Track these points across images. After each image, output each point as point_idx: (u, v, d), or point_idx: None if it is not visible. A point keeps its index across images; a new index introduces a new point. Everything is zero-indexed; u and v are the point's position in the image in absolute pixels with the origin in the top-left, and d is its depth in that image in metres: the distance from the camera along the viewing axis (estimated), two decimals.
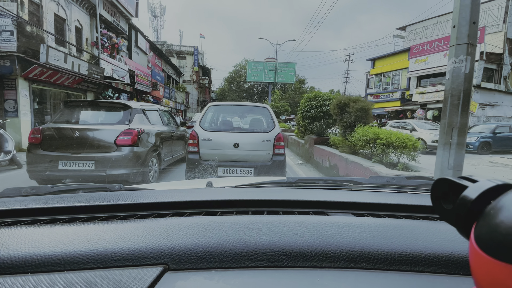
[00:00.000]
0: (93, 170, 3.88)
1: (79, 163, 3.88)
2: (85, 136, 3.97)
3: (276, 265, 0.49)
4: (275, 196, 0.82)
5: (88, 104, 4.95)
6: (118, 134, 3.99)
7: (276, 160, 3.83)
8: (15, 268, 0.46)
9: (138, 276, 0.45)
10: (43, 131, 4.00)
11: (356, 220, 0.65)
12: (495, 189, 0.25)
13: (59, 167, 3.87)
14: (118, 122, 4.26)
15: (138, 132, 4.17)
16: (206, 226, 0.59)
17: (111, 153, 3.94)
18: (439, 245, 0.52)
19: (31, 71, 8.35)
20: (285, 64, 28.65)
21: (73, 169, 3.88)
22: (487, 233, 0.22)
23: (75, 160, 3.88)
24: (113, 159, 3.91)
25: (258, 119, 4.38)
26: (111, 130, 4.05)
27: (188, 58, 36.72)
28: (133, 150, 4.05)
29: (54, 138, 4.00)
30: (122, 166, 3.95)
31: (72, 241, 0.52)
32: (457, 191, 0.27)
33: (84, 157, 3.89)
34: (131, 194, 0.85)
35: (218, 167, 3.75)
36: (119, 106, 4.49)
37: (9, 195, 0.94)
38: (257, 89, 54.98)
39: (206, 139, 3.82)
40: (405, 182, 1.14)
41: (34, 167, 4.01)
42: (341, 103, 5.44)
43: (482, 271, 0.22)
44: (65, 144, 3.95)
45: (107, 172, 3.85)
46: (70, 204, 0.74)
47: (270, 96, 30.59)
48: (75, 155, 3.89)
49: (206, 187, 1.14)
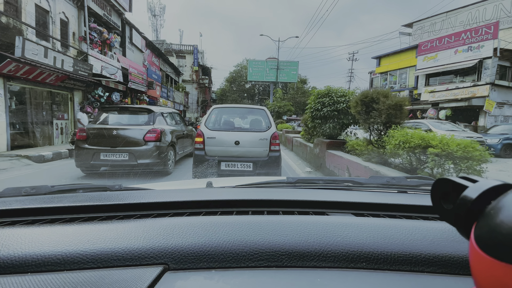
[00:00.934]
0: (127, 160, 5.01)
1: (116, 154, 5.02)
2: (120, 134, 5.09)
3: (276, 265, 0.49)
4: (275, 196, 0.83)
5: (120, 109, 6.07)
6: (146, 132, 5.14)
7: (272, 156, 4.28)
8: (15, 268, 0.46)
9: (138, 276, 0.45)
10: (88, 130, 5.17)
11: (356, 220, 0.65)
12: (495, 189, 0.25)
13: (101, 158, 5.00)
14: (145, 123, 5.42)
15: (160, 131, 5.29)
16: (206, 226, 0.59)
17: (141, 147, 5.08)
18: (439, 245, 0.52)
19: (5, 66, 7.44)
20: (287, 63, 27.71)
21: (112, 159, 5.00)
22: (487, 233, 0.22)
23: (113, 152, 5.01)
24: (142, 151, 5.06)
25: (256, 120, 4.74)
26: (140, 129, 5.19)
27: (187, 57, 35.85)
28: (157, 144, 5.16)
29: (96, 136, 5.09)
30: (149, 157, 5.08)
31: (72, 241, 0.52)
32: (457, 191, 0.27)
33: (120, 150, 5.02)
34: (131, 194, 0.87)
35: (221, 162, 4.16)
36: (144, 110, 5.72)
37: (9, 195, 0.94)
38: (258, 89, 54.16)
39: (211, 137, 4.24)
40: (405, 182, 1.13)
41: (80, 158, 5.12)
42: (367, 99, 4.34)
43: (482, 271, 0.22)
44: (105, 140, 5.05)
45: (138, 161, 5.00)
46: (70, 204, 0.74)
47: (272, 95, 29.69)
48: (113, 148, 5.03)
49: (206, 187, 1.14)
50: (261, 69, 28.23)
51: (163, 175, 5.45)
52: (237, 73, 53.66)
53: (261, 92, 52.88)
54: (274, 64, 27.55)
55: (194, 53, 35.20)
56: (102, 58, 11.82)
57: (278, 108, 19.20)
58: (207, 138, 4.23)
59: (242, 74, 52.69)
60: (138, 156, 5.05)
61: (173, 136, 5.92)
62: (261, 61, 28.87)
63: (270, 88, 28.86)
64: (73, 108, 11.23)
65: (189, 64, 35.72)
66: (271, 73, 27.91)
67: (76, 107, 11.22)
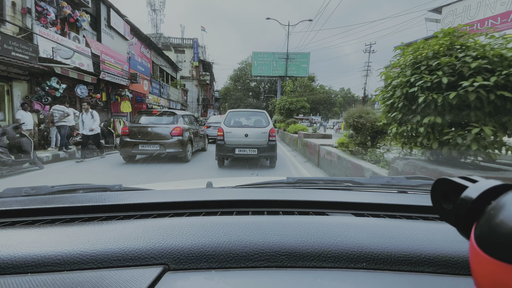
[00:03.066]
0: (158, 149, 7.03)
1: (151, 145, 7.03)
2: (153, 130, 7.18)
3: (276, 265, 0.49)
4: (275, 196, 0.83)
5: (151, 113, 8.00)
6: (172, 129, 7.16)
7: (270, 144, 6.32)
8: (15, 268, 0.46)
9: (138, 276, 0.45)
10: (130, 128, 7.19)
11: (356, 220, 0.65)
12: (495, 189, 0.25)
13: (139, 148, 7.01)
14: (170, 123, 7.45)
15: (182, 128, 7.28)
16: (206, 226, 0.59)
17: (168, 140, 7.09)
18: (439, 245, 0.52)
19: None
20: (297, 54, 24.35)
21: (147, 149, 7.04)
22: (487, 233, 0.22)
23: (148, 144, 7.02)
24: (169, 143, 7.04)
25: (259, 120, 6.88)
26: (167, 127, 7.24)
27: (187, 52, 32.86)
28: (180, 138, 7.15)
29: (135, 132, 7.07)
30: (175, 147, 7.05)
31: (72, 241, 0.53)
32: (457, 191, 0.27)
33: (153, 142, 7.04)
34: (131, 194, 0.86)
35: (236, 148, 6.24)
36: (170, 113, 7.82)
37: (9, 195, 0.94)
38: (264, 88, 51.11)
39: (228, 132, 6.36)
40: (405, 182, 1.12)
41: (124, 148, 7.10)
42: None
43: (482, 271, 0.22)
44: (142, 135, 7.05)
45: (167, 150, 6.98)
46: (70, 204, 0.75)
47: (280, 91, 26.35)
48: (148, 141, 7.03)
49: (206, 187, 1.15)
50: (267, 62, 25.02)
51: (184, 162, 7.34)
52: (241, 70, 50.84)
53: (267, 90, 49.83)
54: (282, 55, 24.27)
55: (194, 47, 32.20)
56: (56, 39, 8.85)
57: (289, 105, 15.76)
58: (226, 132, 6.36)
59: (246, 71, 49.86)
60: (166, 147, 7.00)
61: (190, 133, 7.75)
62: (267, 53, 25.57)
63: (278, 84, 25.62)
64: (12, 104, 8.26)
65: (188, 59, 32.73)
66: (279, 67, 24.66)
67: (17, 103, 8.26)
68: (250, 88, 51.88)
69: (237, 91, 50.61)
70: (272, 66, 24.83)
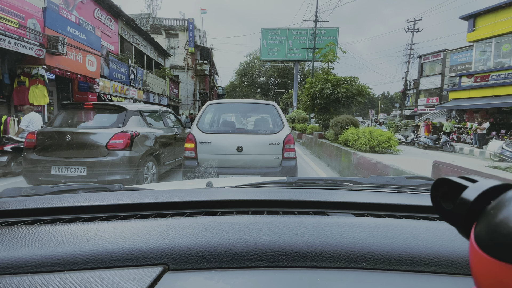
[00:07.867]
0: (85, 175, 3.68)
1: (71, 168, 3.69)
2: (77, 140, 3.76)
3: (276, 265, 0.49)
4: (275, 196, 0.83)
5: (83, 106, 4.42)
6: (110, 138, 3.76)
7: (286, 166, 3.36)
8: (15, 268, 0.46)
9: (138, 276, 0.45)
10: (37, 135, 3.87)
11: (356, 220, 0.65)
12: (495, 189, 0.25)
13: (52, 172, 3.69)
14: (111, 125, 4.00)
15: (131, 135, 3.90)
16: (206, 226, 0.59)
17: (102, 157, 3.71)
18: (439, 245, 0.52)
19: None
20: (323, 30, 17.81)
21: (65, 174, 3.69)
22: (487, 233, 0.22)
23: (67, 165, 3.70)
24: (104, 164, 3.69)
25: (264, 119, 3.94)
26: (103, 134, 3.82)
27: (180, 36, 26.83)
28: (125, 154, 3.79)
29: (47, 143, 3.84)
30: (114, 171, 3.74)
31: (72, 241, 0.53)
32: (457, 191, 0.27)
33: (76, 162, 3.70)
34: (131, 194, 0.86)
35: (219, 175, 3.30)
36: (114, 108, 4.29)
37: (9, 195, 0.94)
38: (273, 83, 44.86)
39: (205, 143, 3.40)
40: (405, 182, 1.13)
41: (29, 172, 3.86)
42: None
43: (482, 271, 0.22)
44: (58, 149, 3.78)
45: (99, 178, 3.65)
46: (70, 204, 0.74)
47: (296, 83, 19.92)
48: (68, 159, 3.72)
49: (206, 187, 1.14)
50: (281, 41, 18.69)
51: None
52: (248, 64, 44.79)
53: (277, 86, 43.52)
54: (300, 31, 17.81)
55: (190, 29, 26.13)
56: None
57: (332, 88, 8.24)
58: (200, 144, 3.39)
59: (254, 66, 43.76)
60: (97, 170, 3.63)
61: (156, 141, 4.49)
62: (281, 29, 19.05)
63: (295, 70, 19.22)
64: None
65: (182, 44, 26.77)
66: (295, 47, 18.29)
67: None
68: (258, 84, 45.82)
69: (243, 87, 44.63)
70: (288, 47, 18.47)
